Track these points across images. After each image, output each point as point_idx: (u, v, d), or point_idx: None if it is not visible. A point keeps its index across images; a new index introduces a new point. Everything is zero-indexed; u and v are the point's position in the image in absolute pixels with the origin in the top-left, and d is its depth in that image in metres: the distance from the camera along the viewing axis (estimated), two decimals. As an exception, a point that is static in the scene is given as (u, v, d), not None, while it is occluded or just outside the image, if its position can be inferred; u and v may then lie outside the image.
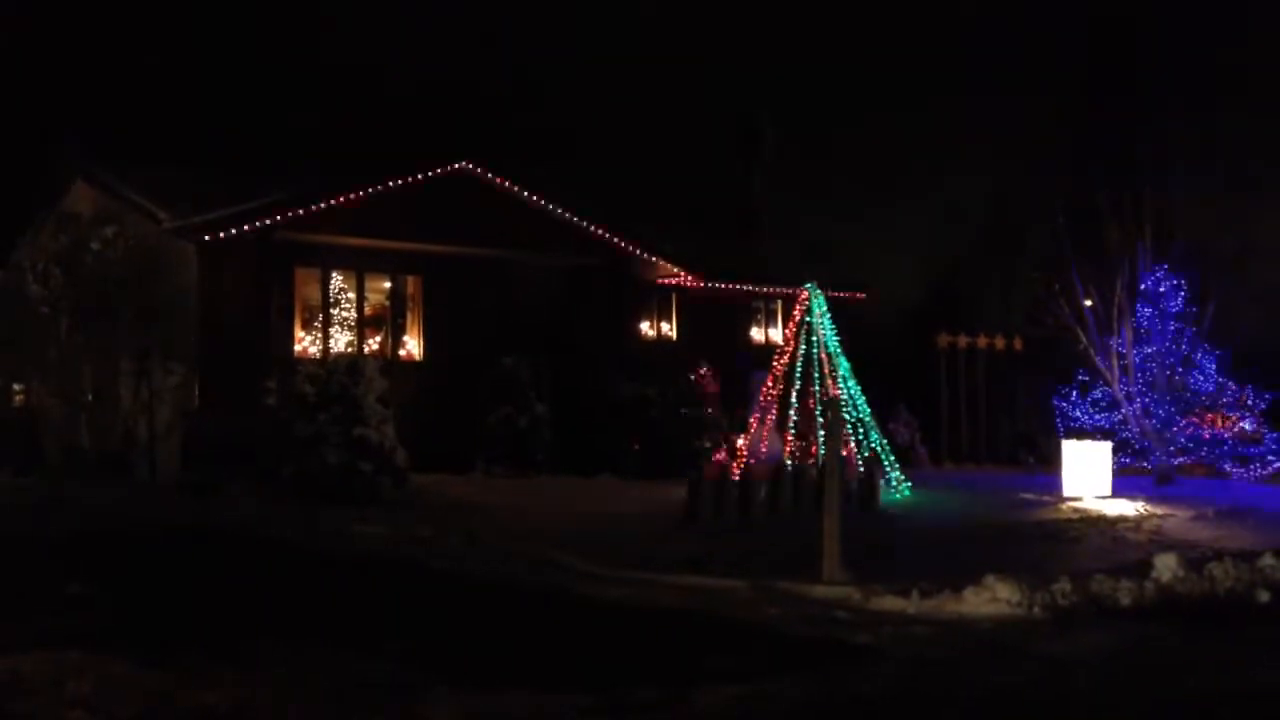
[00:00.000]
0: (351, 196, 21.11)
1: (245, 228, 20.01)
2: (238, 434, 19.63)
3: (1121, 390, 22.96)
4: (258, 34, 47.97)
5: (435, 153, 22.60)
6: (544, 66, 52.59)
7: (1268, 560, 11.22)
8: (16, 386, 23.46)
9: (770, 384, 19.67)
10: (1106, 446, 19.77)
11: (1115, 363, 22.93)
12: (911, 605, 9.92)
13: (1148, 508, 17.48)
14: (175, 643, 8.47)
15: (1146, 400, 22.83)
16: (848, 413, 18.68)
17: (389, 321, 22.62)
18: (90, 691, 7.06)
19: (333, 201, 20.88)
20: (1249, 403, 23.36)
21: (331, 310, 21.54)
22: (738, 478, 17.06)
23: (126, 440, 20.27)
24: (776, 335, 27.64)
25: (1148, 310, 22.87)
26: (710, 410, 22.95)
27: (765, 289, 28.17)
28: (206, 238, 19.94)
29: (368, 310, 22.32)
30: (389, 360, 21.39)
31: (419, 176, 22.00)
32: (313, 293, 21.68)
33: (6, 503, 18.06)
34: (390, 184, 21.60)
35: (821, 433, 15.98)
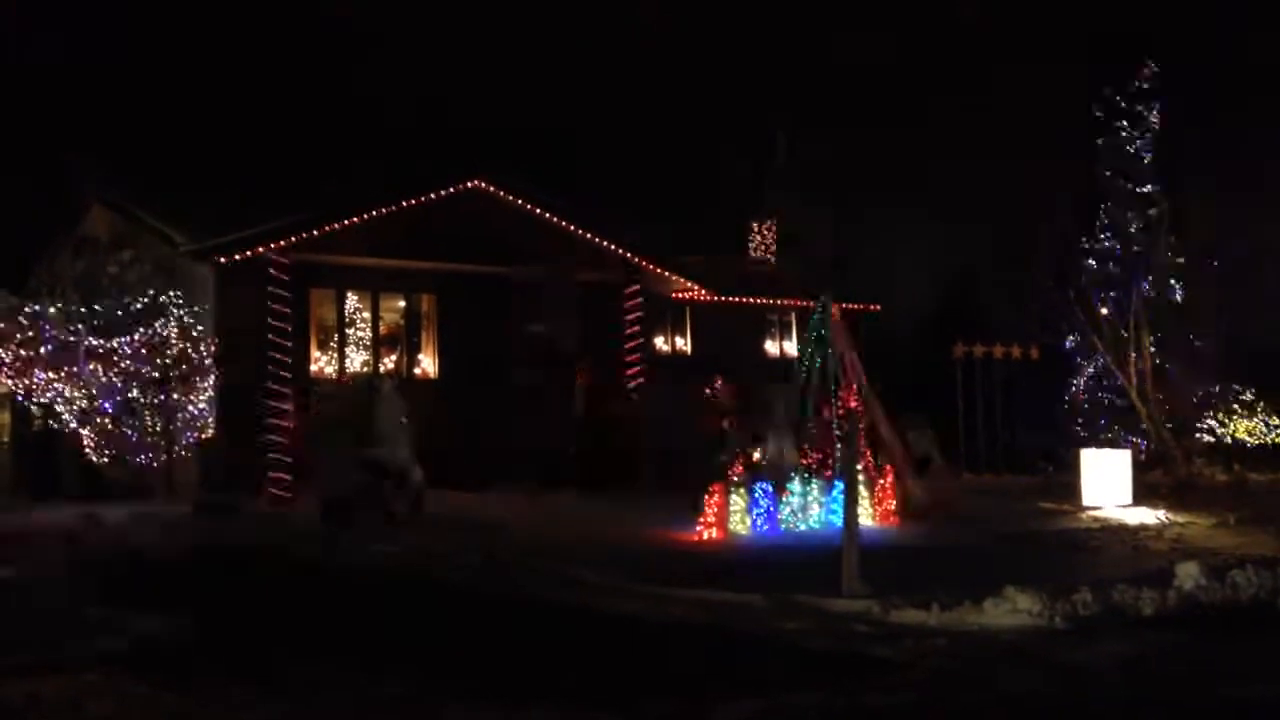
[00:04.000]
0: (365, 217, 21.19)
1: (260, 249, 20.10)
2: (255, 455, 19.69)
3: (1139, 396, 22.85)
4: (267, 56, 48.27)
5: (448, 171, 22.66)
6: (550, 77, 52.73)
7: (1290, 566, 11.12)
8: (35, 410, 23.57)
9: (786, 396, 19.58)
10: (1126, 454, 19.65)
11: (1132, 369, 22.84)
12: (932, 617, 9.85)
13: (1169, 515, 17.35)
14: (194, 663, 8.48)
15: (1165, 407, 22.72)
16: (863, 425, 18.58)
17: (404, 340, 22.67)
18: (109, 713, 7.07)
19: (347, 222, 20.96)
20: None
21: (347, 330, 21.59)
22: (754, 491, 16.98)
23: (145, 462, 20.33)
24: (791, 348, 27.58)
25: (1162, 317, 22.78)
26: (726, 424, 22.89)
27: (779, 301, 28.13)
28: (222, 259, 20.04)
29: (382, 329, 22.37)
30: (404, 379, 21.43)
31: (432, 195, 22.07)
32: (328, 313, 21.76)
33: (26, 526, 18.12)
34: (404, 203, 21.68)
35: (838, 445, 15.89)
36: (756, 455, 20.13)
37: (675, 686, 7.82)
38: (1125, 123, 24.79)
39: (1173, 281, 22.82)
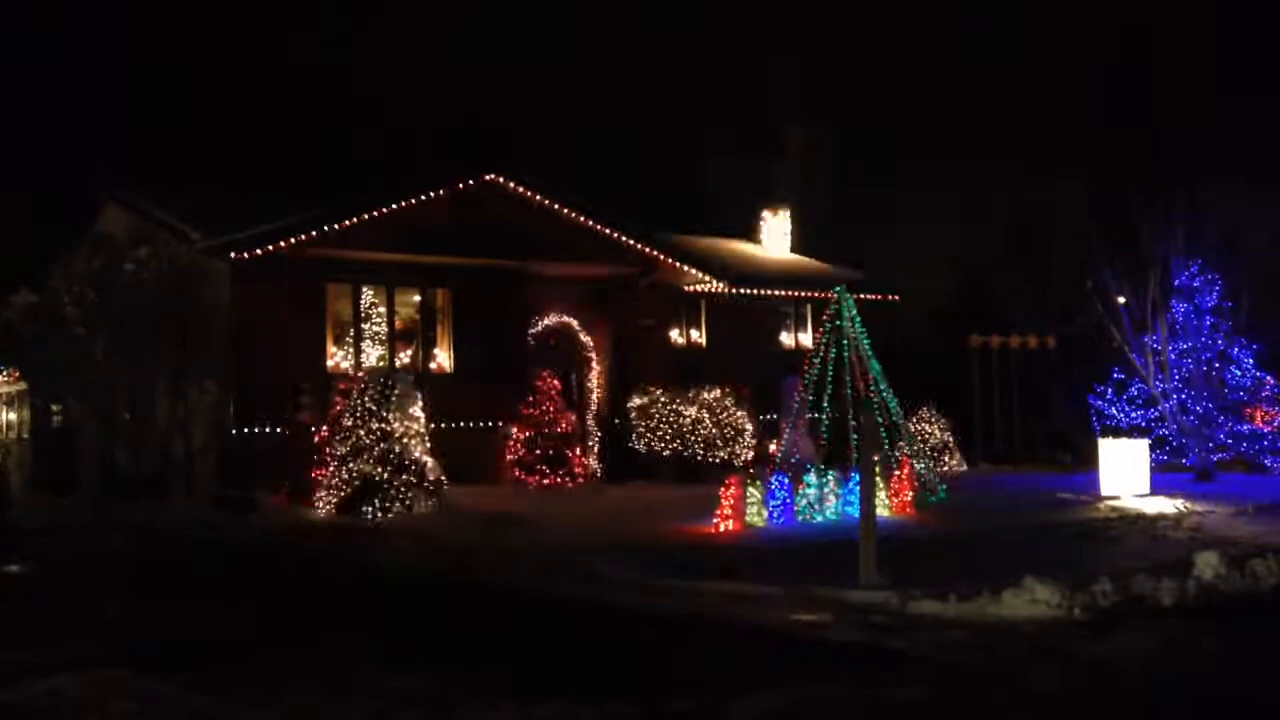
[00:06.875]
0: (380, 212, 21.19)
1: (276, 245, 20.13)
2: (273, 450, 19.76)
3: (1158, 387, 22.70)
4: (276, 56, 48.42)
5: (461, 165, 22.64)
6: (557, 70, 52.69)
7: (1310, 556, 11.05)
8: (54, 407, 23.72)
9: (801, 388, 19.56)
10: (1144, 444, 19.52)
11: (1151, 359, 22.68)
12: (949, 608, 9.83)
13: (1187, 505, 17.28)
14: (216, 662, 8.53)
15: (1184, 396, 22.56)
16: (880, 416, 18.55)
17: (419, 335, 22.69)
18: (132, 712, 7.11)
19: (361, 217, 20.97)
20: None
21: (362, 325, 21.64)
22: (770, 482, 16.98)
23: (163, 458, 20.44)
24: (807, 339, 27.52)
25: (1182, 306, 22.61)
26: (741, 415, 22.90)
27: (795, 293, 28.06)
28: (237, 256, 20.08)
29: (398, 324, 22.38)
30: (420, 373, 21.46)
31: (446, 190, 22.06)
32: (344, 308, 21.79)
33: (47, 523, 18.26)
34: (418, 198, 21.68)
35: (855, 436, 15.87)
36: (772, 446, 20.14)
37: (694, 680, 7.82)
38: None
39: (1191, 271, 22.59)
